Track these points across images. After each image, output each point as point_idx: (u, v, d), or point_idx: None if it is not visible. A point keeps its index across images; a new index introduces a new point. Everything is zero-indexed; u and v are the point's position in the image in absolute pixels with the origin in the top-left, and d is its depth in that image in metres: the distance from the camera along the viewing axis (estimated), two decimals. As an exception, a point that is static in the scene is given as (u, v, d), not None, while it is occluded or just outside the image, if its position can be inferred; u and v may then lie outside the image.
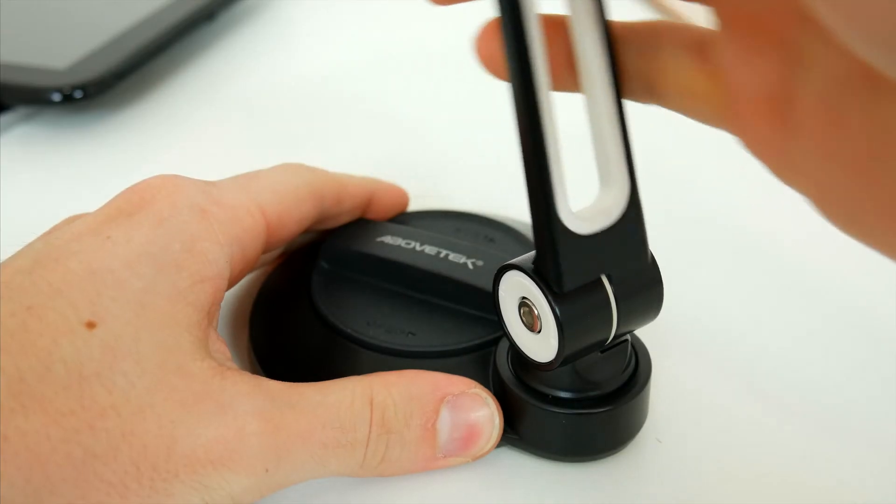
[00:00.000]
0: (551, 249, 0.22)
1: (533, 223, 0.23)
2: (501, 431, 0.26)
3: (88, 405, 0.22)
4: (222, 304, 0.30)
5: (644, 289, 0.24)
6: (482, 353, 0.27)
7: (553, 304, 0.23)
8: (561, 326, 0.23)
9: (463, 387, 0.26)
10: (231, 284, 0.27)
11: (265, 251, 0.29)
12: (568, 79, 0.23)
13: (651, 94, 0.23)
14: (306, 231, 0.31)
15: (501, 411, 0.26)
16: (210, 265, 0.25)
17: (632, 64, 0.22)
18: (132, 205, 0.26)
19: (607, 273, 0.23)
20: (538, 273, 0.23)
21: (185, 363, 0.23)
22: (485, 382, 0.27)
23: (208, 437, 0.22)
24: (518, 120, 0.22)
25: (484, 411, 0.26)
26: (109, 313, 0.23)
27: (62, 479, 0.21)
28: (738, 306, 0.33)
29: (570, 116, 0.24)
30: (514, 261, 0.24)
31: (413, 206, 0.34)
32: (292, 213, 0.29)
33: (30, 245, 0.25)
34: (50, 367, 0.22)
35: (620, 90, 0.23)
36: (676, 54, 0.22)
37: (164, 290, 0.24)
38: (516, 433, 0.26)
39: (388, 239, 0.30)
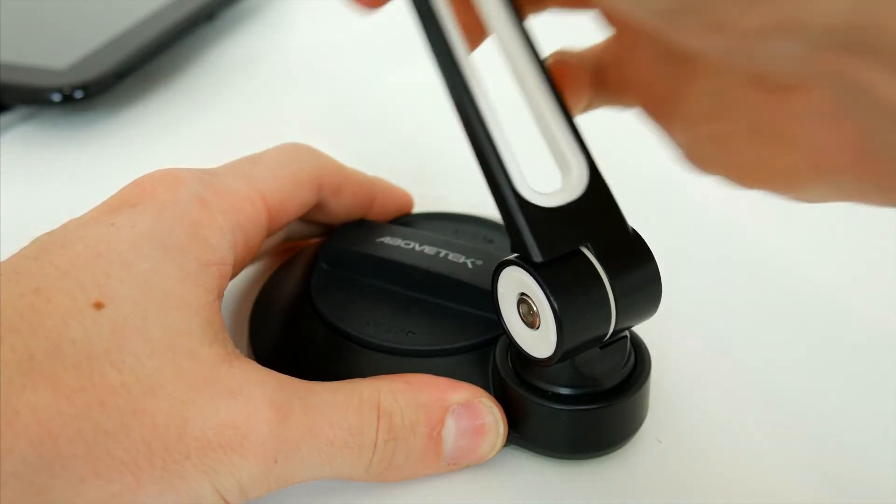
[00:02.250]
0: (513, 221, 0.23)
1: (497, 204, 0.24)
2: (505, 439, 0.26)
3: (98, 383, 0.22)
4: (222, 304, 0.30)
5: (643, 285, 0.24)
6: (482, 352, 0.27)
7: (552, 299, 0.23)
8: (560, 321, 0.23)
9: (468, 394, 0.26)
10: (234, 273, 0.27)
11: (266, 236, 0.29)
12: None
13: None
14: (305, 218, 0.31)
15: (505, 419, 0.26)
16: (214, 251, 0.25)
17: None
18: (134, 196, 0.26)
19: (587, 243, 0.24)
20: (516, 251, 0.24)
21: (193, 347, 0.23)
22: (485, 380, 0.27)
23: (218, 420, 0.22)
24: (457, 111, 0.23)
25: (488, 420, 0.26)
26: (118, 294, 0.23)
27: (73, 454, 0.21)
28: (739, 306, 0.33)
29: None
30: (512, 256, 0.24)
31: (414, 208, 0.34)
32: (293, 198, 0.29)
33: (34, 239, 0.25)
34: (59, 346, 0.22)
35: (551, 80, 0.24)
36: None
37: (171, 272, 0.24)
38: (516, 430, 0.26)
39: (387, 239, 0.30)
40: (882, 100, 0.19)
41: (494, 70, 0.26)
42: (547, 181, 0.25)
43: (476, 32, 0.25)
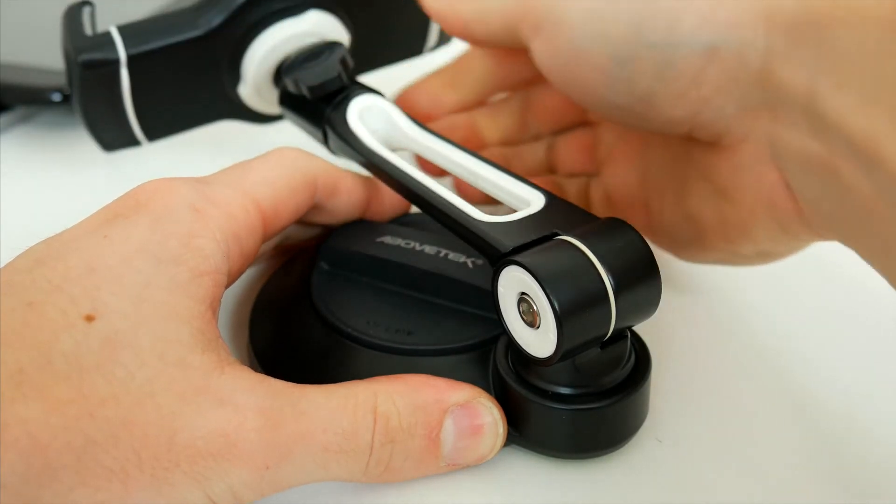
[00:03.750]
0: (476, 234, 0.26)
1: (462, 236, 0.27)
2: (504, 440, 0.26)
3: (88, 394, 0.22)
4: (222, 305, 0.30)
5: (642, 283, 0.24)
6: (482, 352, 0.27)
7: (552, 298, 0.23)
8: (560, 320, 0.23)
9: (467, 395, 0.26)
10: (230, 280, 0.27)
11: (262, 242, 0.29)
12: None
13: None
14: (302, 221, 0.31)
15: (505, 419, 0.26)
16: (207, 260, 0.25)
17: None
18: (128, 208, 0.26)
19: (556, 231, 0.25)
20: (489, 259, 0.26)
21: (184, 356, 0.23)
22: (485, 380, 0.27)
23: (208, 429, 0.23)
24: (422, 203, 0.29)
25: (488, 420, 0.26)
26: (108, 307, 0.23)
27: (63, 465, 0.21)
28: (739, 305, 0.33)
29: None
30: (513, 256, 0.24)
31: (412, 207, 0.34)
32: (287, 203, 0.29)
33: (29, 248, 0.25)
34: (50, 360, 0.22)
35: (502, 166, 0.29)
36: None
37: (163, 284, 0.24)
38: (517, 430, 0.26)
39: (387, 239, 0.30)
40: (789, 148, 0.25)
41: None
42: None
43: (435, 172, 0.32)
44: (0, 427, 0.21)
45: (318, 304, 0.29)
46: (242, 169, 0.29)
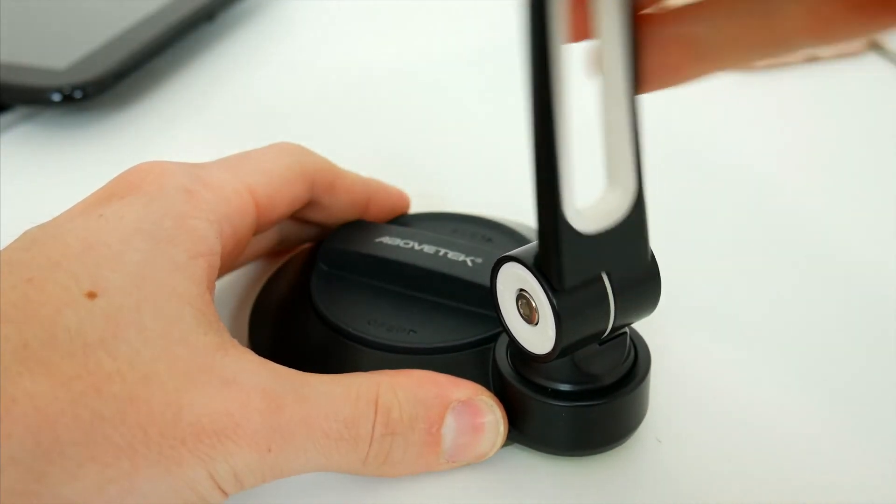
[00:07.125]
0: (555, 248, 0.22)
1: (538, 219, 0.23)
2: (505, 438, 0.26)
3: (94, 370, 0.22)
4: (221, 306, 0.30)
5: (642, 282, 0.24)
6: (482, 349, 0.27)
7: (551, 295, 0.23)
8: (558, 317, 0.23)
9: (470, 392, 0.26)
10: (223, 265, 0.27)
11: (256, 231, 0.29)
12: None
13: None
14: (300, 217, 0.31)
15: (506, 417, 0.26)
16: (202, 241, 0.25)
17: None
18: (121, 188, 0.26)
19: (607, 271, 0.23)
20: (539, 269, 0.23)
21: (188, 335, 0.23)
22: (484, 378, 0.27)
23: (213, 408, 0.23)
24: (530, 113, 0.21)
25: (489, 418, 0.26)
26: (110, 284, 0.23)
27: (71, 440, 0.21)
28: (740, 304, 0.33)
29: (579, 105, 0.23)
30: (511, 252, 0.24)
31: (411, 208, 0.34)
32: (282, 193, 0.29)
33: (24, 232, 0.25)
34: (54, 335, 0.22)
35: (636, 84, 0.22)
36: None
37: (161, 264, 0.24)
38: (516, 428, 0.26)
39: (386, 239, 0.30)
40: None
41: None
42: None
43: (580, 31, 0.22)
44: (8, 402, 0.21)
45: (318, 304, 0.29)
46: (238, 157, 0.29)
